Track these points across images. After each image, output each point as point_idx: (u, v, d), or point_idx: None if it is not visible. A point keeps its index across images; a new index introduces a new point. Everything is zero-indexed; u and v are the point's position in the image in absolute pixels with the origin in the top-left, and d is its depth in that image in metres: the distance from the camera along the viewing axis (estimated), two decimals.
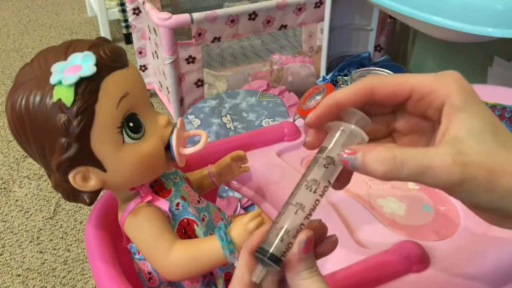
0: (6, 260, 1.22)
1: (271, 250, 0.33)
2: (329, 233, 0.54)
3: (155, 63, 1.67)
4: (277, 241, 0.33)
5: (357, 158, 0.32)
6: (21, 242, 1.27)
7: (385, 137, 0.38)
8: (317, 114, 0.35)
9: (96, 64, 0.44)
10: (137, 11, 1.63)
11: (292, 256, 0.33)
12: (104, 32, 2.17)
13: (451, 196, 0.33)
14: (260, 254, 0.33)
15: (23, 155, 1.55)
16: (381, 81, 0.35)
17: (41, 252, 1.24)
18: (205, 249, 0.49)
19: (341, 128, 0.34)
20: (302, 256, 0.33)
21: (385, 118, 0.37)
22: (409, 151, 0.32)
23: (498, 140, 0.31)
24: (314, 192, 0.33)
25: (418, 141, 0.37)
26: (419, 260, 0.49)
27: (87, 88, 0.43)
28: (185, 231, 0.52)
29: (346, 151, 0.33)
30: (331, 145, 0.34)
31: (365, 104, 0.35)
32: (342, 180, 0.36)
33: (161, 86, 1.67)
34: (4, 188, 1.45)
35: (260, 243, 0.34)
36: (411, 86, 0.34)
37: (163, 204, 0.51)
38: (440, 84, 0.33)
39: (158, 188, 0.53)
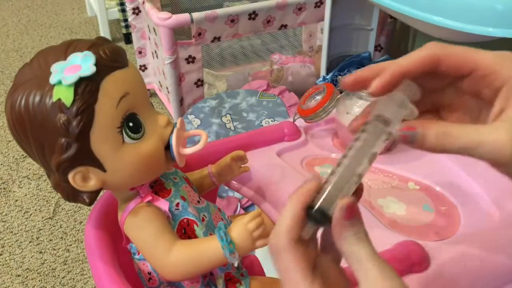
0: (6, 260, 1.22)
1: (326, 209, 0.34)
2: None
3: (155, 63, 1.67)
4: (332, 199, 0.34)
5: (417, 133, 0.34)
6: (21, 242, 1.27)
7: (424, 112, 0.39)
8: (383, 82, 0.34)
9: (96, 64, 0.44)
10: (137, 10, 1.63)
11: (336, 221, 0.34)
12: (104, 32, 2.17)
13: (505, 172, 0.34)
14: (314, 211, 0.34)
15: (22, 155, 1.55)
16: (446, 51, 0.35)
17: (40, 252, 1.24)
18: (205, 249, 0.49)
19: (403, 101, 0.34)
20: (345, 222, 0.33)
21: (432, 92, 0.38)
22: (464, 127, 0.33)
23: None
24: (371, 164, 0.34)
25: (464, 119, 0.38)
26: (420, 260, 0.49)
27: (86, 88, 0.43)
28: (185, 231, 0.52)
29: (407, 126, 0.34)
30: (394, 120, 0.34)
31: (426, 74, 0.35)
32: None
33: (161, 86, 1.67)
34: (3, 188, 1.44)
35: (312, 200, 0.34)
36: (475, 62, 0.34)
37: (163, 204, 0.51)
38: (502, 65, 0.34)
39: (158, 188, 0.53)
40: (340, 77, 1.39)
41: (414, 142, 0.34)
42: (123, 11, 2.06)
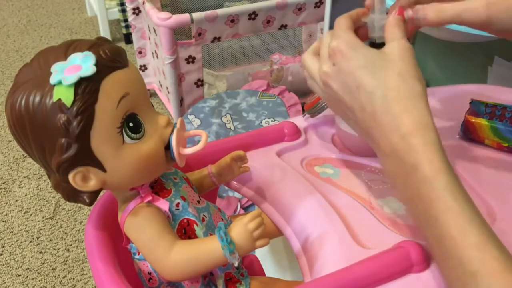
0: (6, 260, 1.22)
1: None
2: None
3: (155, 63, 1.67)
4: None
5: (419, 15, 0.52)
6: (21, 242, 1.27)
7: None
8: None
9: (96, 64, 0.44)
10: (137, 11, 1.63)
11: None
12: (104, 32, 2.17)
13: (488, 31, 0.51)
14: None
15: (23, 155, 1.55)
16: None
17: (41, 252, 1.24)
18: (205, 250, 0.49)
19: None
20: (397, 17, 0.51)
21: None
22: (452, 2, 0.51)
23: None
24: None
25: None
26: (420, 260, 0.49)
27: (87, 88, 0.43)
28: (185, 231, 0.52)
29: (413, 10, 0.52)
30: None
31: None
32: None
33: (161, 86, 1.67)
34: (4, 188, 1.45)
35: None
36: None
37: (163, 204, 0.51)
38: None
39: (158, 188, 0.53)
40: None
41: (420, 21, 0.52)
42: (123, 11, 2.06)
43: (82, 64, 0.44)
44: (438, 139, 0.46)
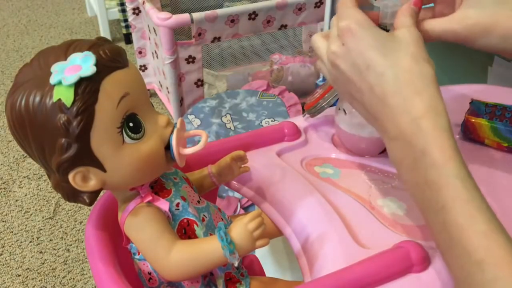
0: (6, 260, 1.22)
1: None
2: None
3: (155, 63, 1.67)
4: None
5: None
6: (21, 242, 1.27)
7: None
8: None
9: (96, 64, 0.44)
10: (137, 11, 1.63)
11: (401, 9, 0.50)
12: (104, 32, 2.17)
13: (477, 47, 0.50)
14: None
15: (23, 155, 1.55)
16: None
17: (41, 252, 1.24)
18: (205, 250, 0.49)
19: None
20: (412, 8, 0.49)
21: None
22: (439, 20, 0.51)
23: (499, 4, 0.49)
24: None
25: (445, 9, 0.54)
26: (420, 260, 0.49)
27: (87, 88, 0.43)
28: (185, 232, 0.52)
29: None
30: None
31: None
32: None
33: (161, 86, 1.67)
34: (4, 188, 1.45)
35: None
36: None
37: (163, 204, 0.51)
38: None
39: (158, 188, 0.53)
40: None
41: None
42: (123, 11, 2.06)
43: (82, 64, 0.44)
44: (449, 125, 0.45)
